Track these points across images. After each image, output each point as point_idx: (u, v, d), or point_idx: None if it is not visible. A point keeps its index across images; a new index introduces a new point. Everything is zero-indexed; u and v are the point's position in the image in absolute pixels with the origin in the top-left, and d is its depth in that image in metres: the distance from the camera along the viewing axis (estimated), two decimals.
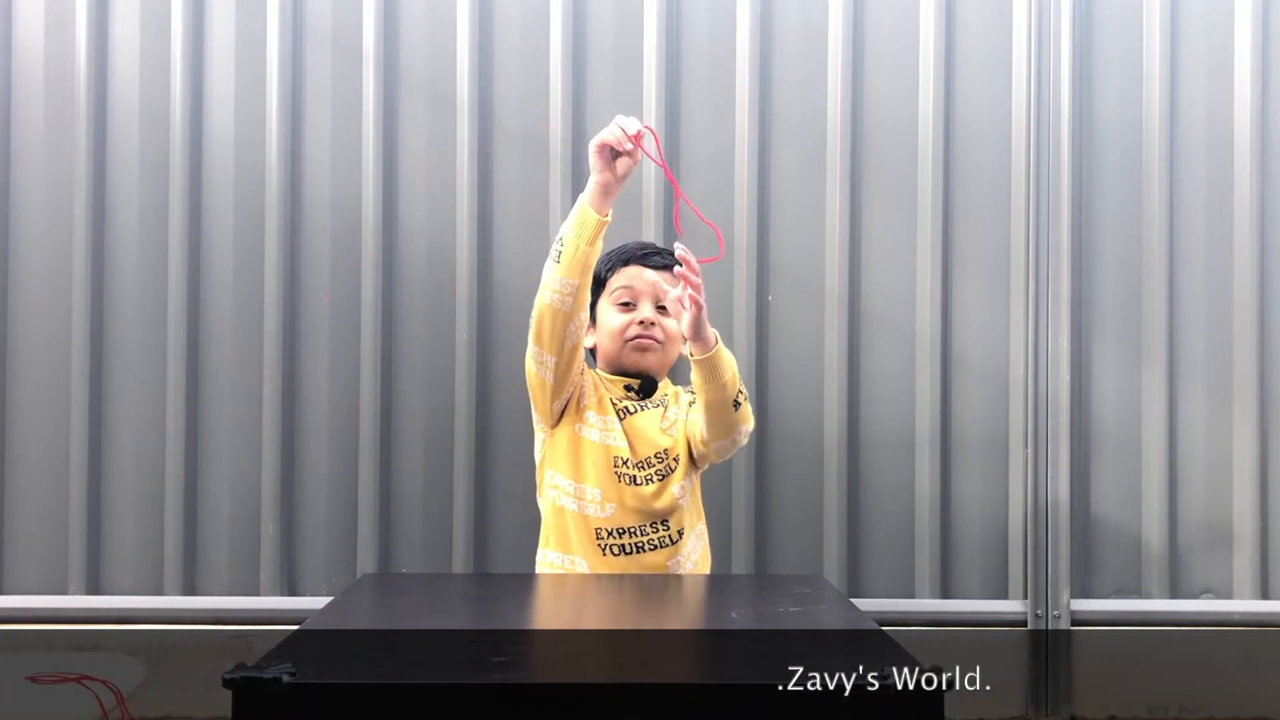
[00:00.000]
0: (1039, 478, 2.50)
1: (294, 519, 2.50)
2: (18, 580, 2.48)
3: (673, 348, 1.95)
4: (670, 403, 1.96)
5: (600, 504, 1.86)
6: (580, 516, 1.87)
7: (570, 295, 1.79)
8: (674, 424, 1.93)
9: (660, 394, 1.96)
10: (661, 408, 1.94)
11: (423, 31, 2.52)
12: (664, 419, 1.93)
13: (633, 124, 1.78)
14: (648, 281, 1.92)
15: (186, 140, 2.50)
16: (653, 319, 1.92)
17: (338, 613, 1.47)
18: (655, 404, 1.94)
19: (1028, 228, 2.52)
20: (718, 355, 1.76)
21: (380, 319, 2.50)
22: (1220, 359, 2.55)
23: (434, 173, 2.52)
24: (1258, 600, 2.53)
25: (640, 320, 1.91)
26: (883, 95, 2.54)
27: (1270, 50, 2.55)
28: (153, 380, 2.49)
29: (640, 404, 1.93)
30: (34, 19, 2.50)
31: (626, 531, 1.86)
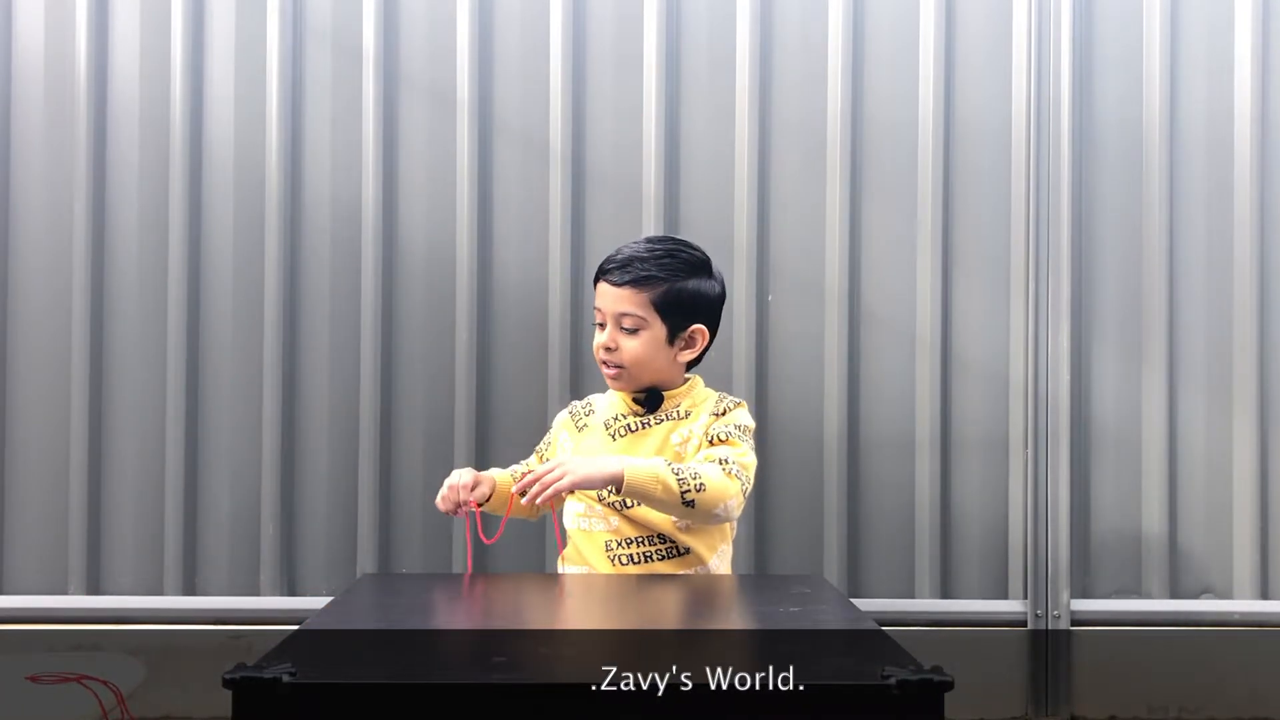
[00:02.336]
0: (1039, 478, 2.50)
1: (294, 519, 2.50)
2: (18, 580, 2.48)
3: (643, 369, 1.86)
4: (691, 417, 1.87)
5: (605, 518, 1.85)
6: (588, 534, 1.87)
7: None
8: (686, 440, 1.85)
9: (673, 405, 1.89)
10: (672, 421, 1.87)
11: (423, 31, 2.52)
12: (675, 434, 1.86)
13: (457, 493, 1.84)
14: (611, 299, 1.85)
15: (186, 140, 2.50)
16: (612, 343, 1.85)
17: (338, 613, 1.47)
18: (662, 419, 1.87)
19: (1028, 228, 2.52)
20: (633, 487, 1.70)
21: (380, 319, 2.50)
22: (1220, 359, 2.55)
23: (434, 173, 2.52)
24: (1258, 600, 2.53)
25: (602, 345, 1.86)
26: (883, 95, 2.54)
27: (1270, 50, 2.55)
28: (153, 380, 2.49)
29: (644, 420, 1.88)
30: (34, 19, 2.50)
31: (634, 541, 1.84)
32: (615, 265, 1.86)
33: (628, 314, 1.84)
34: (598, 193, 2.52)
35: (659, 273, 1.85)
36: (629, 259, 1.86)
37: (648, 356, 1.85)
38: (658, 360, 1.87)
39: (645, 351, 1.85)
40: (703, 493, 1.71)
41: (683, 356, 1.89)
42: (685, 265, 1.88)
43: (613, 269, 1.85)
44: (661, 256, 1.87)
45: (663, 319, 1.85)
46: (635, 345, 1.84)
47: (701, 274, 1.89)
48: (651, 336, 1.85)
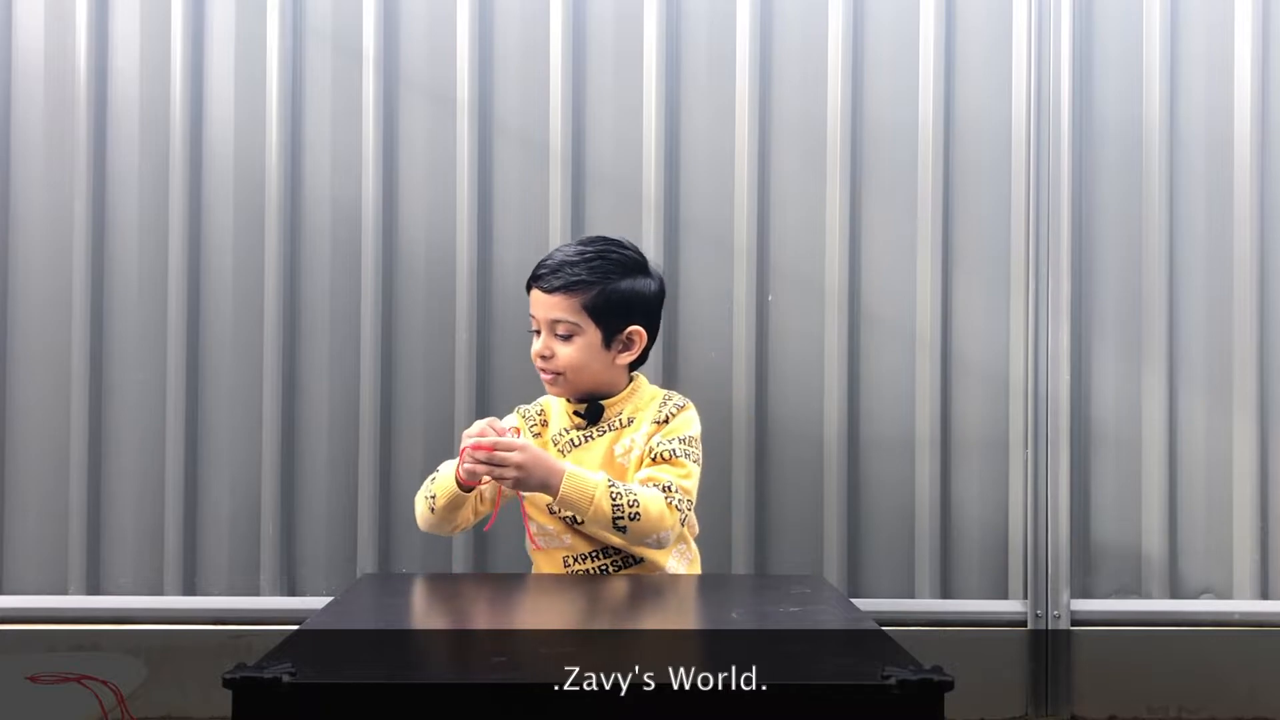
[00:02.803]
0: (1039, 478, 2.50)
1: (294, 519, 2.50)
2: (18, 580, 2.48)
3: (580, 374, 1.83)
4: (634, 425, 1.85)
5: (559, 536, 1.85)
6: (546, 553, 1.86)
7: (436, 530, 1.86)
8: (629, 450, 1.83)
9: (613, 415, 1.86)
10: (614, 432, 1.85)
11: (423, 31, 2.52)
12: (618, 444, 1.84)
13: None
14: (543, 306, 1.83)
15: (186, 140, 2.50)
16: (547, 350, 1.83)
17: (338, 613, 1.47)
18: (604, 430, 1.86)
19: (1028, 228, 2.52)
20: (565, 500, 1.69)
21: (380, 319, 2.50)
22: (1220, 359, 2.55)
23: (434, 173, 2.52)
24: (1258, 600, 2.53)
25: (537, 352, 1.85)
26: (883, 95, 2.54)
27: (1270, 50, 2.55)
28: (153, 380, 2.49)
29: (587, 433, 1.86)
30: (34, 19, 2.50)
31: (590, 556, 1.83)
32: (546, 271, 1.83)
33: (560, 320, 1.81)
34: (598, 193, 2.52)
35: (590, 276, 1.82)
36: (560, 264, 1.83)
37: (583, 362, 1.83)
38: (595, 365, 1.84)
39: (581, 357, 1.82)
40: (637, 521, 1.69)
41: (621, 359, 1.86)
42: (617, 266, 1.85)
43: (543, 274, 1.83)
44: (592, 259, 1.84)
45: (597, 323, 1.82)
46: (570, 351, 1.82)
47: (635, 274, 1.86)
48: (586, 342, 1.82)
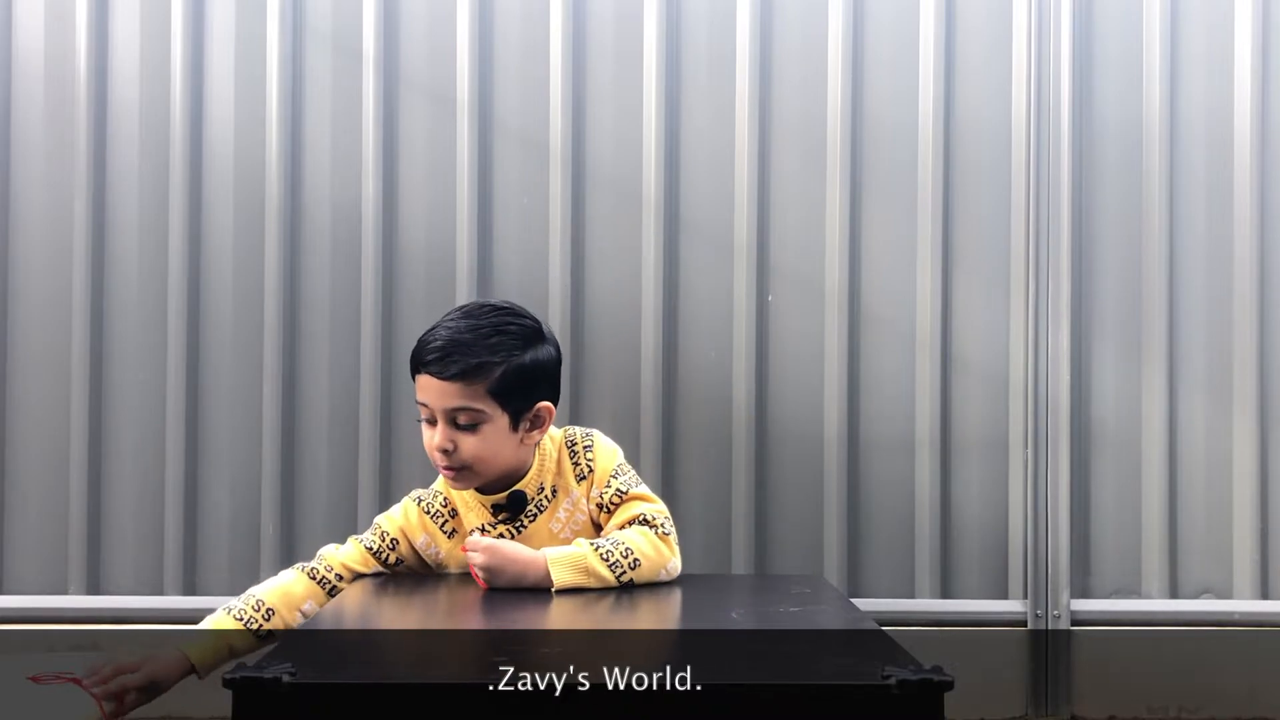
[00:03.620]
0: (1039, 478, 2.50)
1: (294, 519, 2.50)
2: (18, 580, 2.48)
3: (491, 465, 1.64)
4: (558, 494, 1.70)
5: None
6: None
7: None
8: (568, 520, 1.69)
9: (535, 493, 1.69)
10: (545, 512, 1.69)
11: (423, 31, 2.52)
12: (554, 521, 1.69)
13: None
14: (436, 394, 1.60)
15: (186, 140, 2.49)
16: (448, 443, 1.61)
17: (337, 613, 1.47)
18: (534, 514, 1.69)
19: (1028, 228, 2.52)
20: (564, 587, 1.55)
21: (380, 319, 2.50)
22: (1220, 359, 2.55)
23: (434, 173, 2.52)
24: (1258, 600, 2.52)
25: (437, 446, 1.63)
26: (883, 95, 2.54)
27: (1270, 50, 2.55)
28: (153, 380, 2.49)
29: (516, 525, 1.68)
30: (34, 19, 2.50)
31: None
32: (434, 354, 1.60)
33: (461, 409, 1.60)
34: (598, 193, 2.52)
35: (491, 356, 1.60)
36: (449, 344, 1.60)
37: (493, 451, 1.63)
38: (505, 451, 1.64)
39: (489, 447, 1.62)
40: (638, 568, 1.59)
41: (529, 439, 1.67)
42: (518, 340, 1.64)
43: (432, 360, 1.60)
44: (489, 336, 1.62)
45: (503, 407, 1.61)
46: (477, 442, 1.62)
47: (536, 344, 1.65)
48: (494, 428, 1.62)
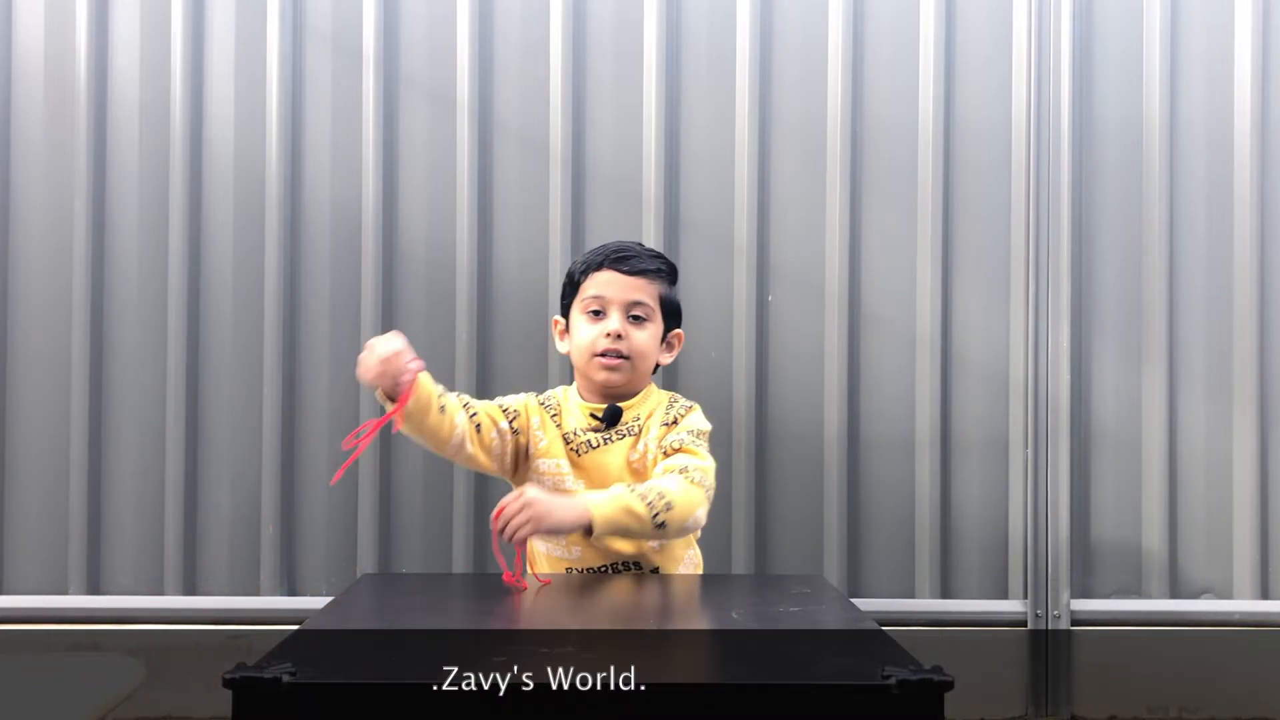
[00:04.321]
0: (1039, 478, 2.50)
1: (294, 519, 2.50)
2: (18, 580, 2.48)
3: (644, 362, 1.82)
4: (645, 426, 1.82)
5: (566, 547, 1.81)
6: (549, 557, 1.83)
7: (424, 443, 1.74)
8: (643, 455, 1.79)
9: (631, 420, 1.82)
10: (631, 437, 1.81)
11: (423, 31, 2.52)
12: (633, 450, 1.80)
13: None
14: (620, 288, 1.80)
15: (186, 140, 2.50)
16: (621, 330, 1.79)
17: (338, 613, 1.47)
18: (623, 434, 1.81)
19: (1028, 228, 2.52)
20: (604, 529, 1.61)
21: (380, 319, 2.50)
22: (1220, 359, 2.55)
23: (434, 173, 2.52)
24: (1258, 600, 2.53)
25: (608, 332, 1.79)
26: (883, 95, 2.54)
27: (1270, 50, 2.55)
28: (153, 380, 2.49)
29: (605, 436, 1.81)
30: (34, 19, 2.50)
31: (596, 571, 1.79)
32: (628, 254, 1.81)
33: (641, 303, 1.80)
34: (598, 193, 2.52)
35: (662, 266, 1.86)
36: (638, 251, 1.83)
37: (649, 350, 1.82)
38: (651, 358, 1.83)
39: (649, 344, 1.81)
40: (671, 511, 1.65)
41: (664, 359, 1.88)
42: (672, 271, 1.89)
43: (619, 257, 1.80)
44: (655, 257, 1.87)
45: (663, 314, 1.84)
46: (644, 336, 1.80)
47: (677, 284, 1.90)
48: (655, 331, 1.83)
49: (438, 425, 1.72)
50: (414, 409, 1.68)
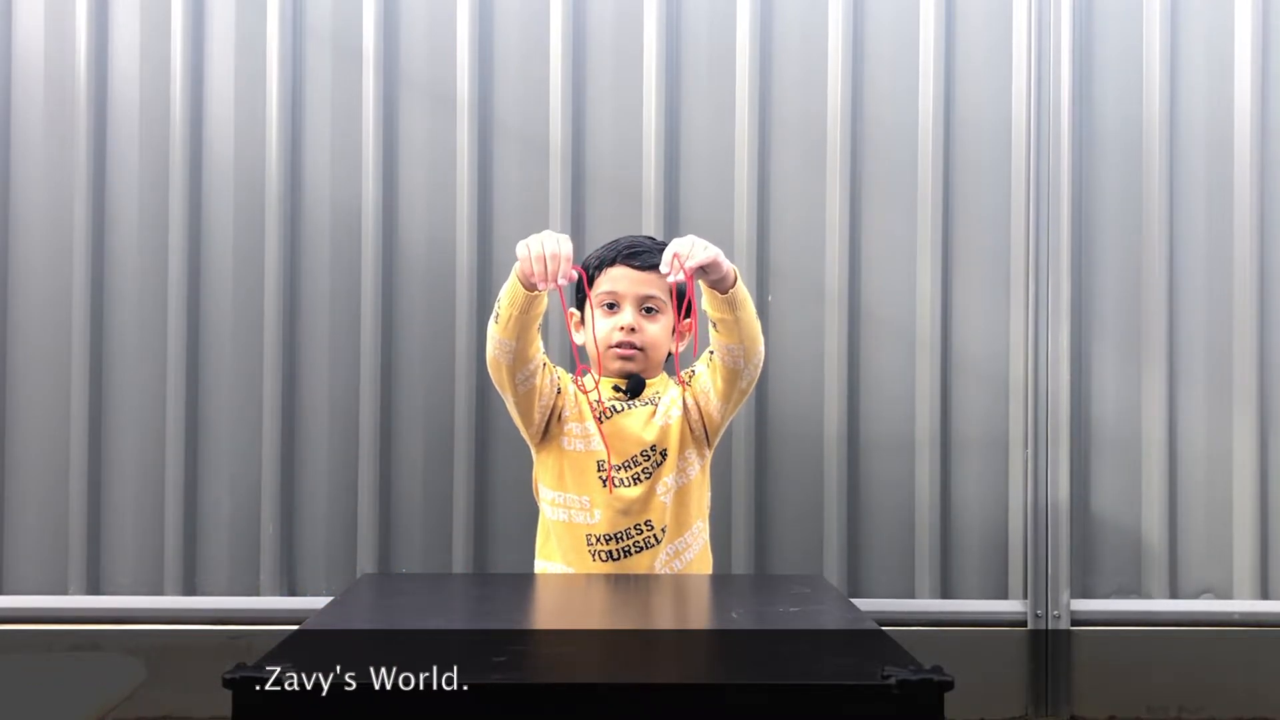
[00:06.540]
0: (1039, 478, 2.50)
1: (294, 519, 2.50)
2: (18, 580, 2.48)
3: (657, 352, 1.91)
4: (661, 397, 1.92)
5: (589, 510, 1.85)
6: (569, 525, 1.87)
7: (509, 353, 1.78)
8: (668, 415, 1.89)
9: (651, 392, 1.92)
10: (651, 405, 1.90)
11: (423, 31, 2.52)
12: (653, 418, 1.89)
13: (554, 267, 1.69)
14: (632, 283, 1.88)
15: (186, 140, 2.50)
16: (634, 324, 1.88)
17: (338, 613, 1.47)
18: (645, 402, 1.90)
19: (1028, 228, 2.52)
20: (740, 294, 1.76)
21: (380, 319, 2.50)
22: (1220, 359, 2.55)
23: (434, 173, 2.52)
24: (1258, 600, 2.53)
25: (622, 326, 1.88)
26: (883, 95, 2.54)
27: (1270, 50, 2.55)
28: (153, 380, 2.49)
29: (628, 404, 1.90)
30: (34, 19, 2.50)
31: (614, 538, 1.84)
32: (633, 250, 1.90)
33: (653, 296, 1.88)
34: (598, 193, 2.52)
35: None
36: (642, 246, 1.90)
37: (664, 340, 1.91)
38: (663, 348, 1.92)
39: (663, 336, 1.90)
40: (749, 305, 1.79)
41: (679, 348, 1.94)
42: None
43: (630, 254, 1.89)
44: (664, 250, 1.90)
45: (674, 307, 1.91)
46: (656, 328, 1.90)
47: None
48: (667, 322, 1.91)
49: (533, 340, 1.81)
50: (534, 312, 1.76)
